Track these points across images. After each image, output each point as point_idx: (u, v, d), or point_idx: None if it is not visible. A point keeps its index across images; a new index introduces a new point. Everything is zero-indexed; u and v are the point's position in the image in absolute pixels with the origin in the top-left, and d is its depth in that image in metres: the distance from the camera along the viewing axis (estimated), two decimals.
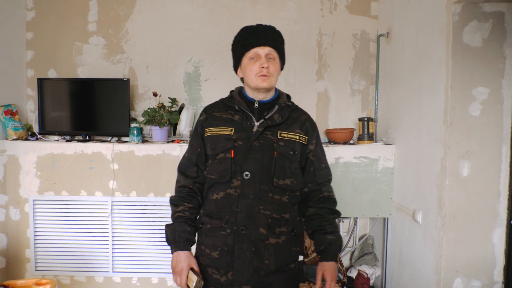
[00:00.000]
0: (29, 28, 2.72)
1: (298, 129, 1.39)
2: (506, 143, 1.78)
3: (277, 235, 1.32)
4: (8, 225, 2.46)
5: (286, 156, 1.34)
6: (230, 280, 1.29)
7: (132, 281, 2.48)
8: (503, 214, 1.80)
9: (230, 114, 1.39)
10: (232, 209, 1.30)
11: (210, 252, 1.32)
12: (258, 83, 1.34)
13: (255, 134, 1.32)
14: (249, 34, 1.36)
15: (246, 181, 1.30)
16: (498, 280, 1.83)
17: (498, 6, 1.74)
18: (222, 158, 1.33)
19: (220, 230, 1.31)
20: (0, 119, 2.44)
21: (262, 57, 1.34)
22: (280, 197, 1.33)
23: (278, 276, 1.33)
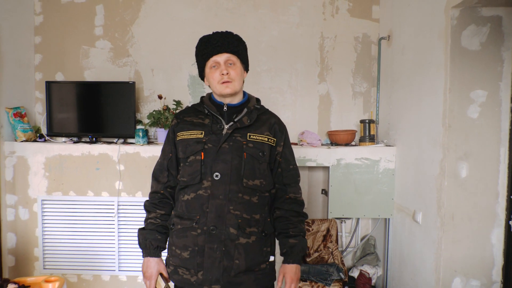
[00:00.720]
0: (37, 32, 2.79)
1: (267, 131, 1.42)
2: (504, 145, 1.81)
3: (248, 235, 1.34)
4: (17, 224, 2.53)
5: (255, 157, 1.37)
6: (200, 279, 1.31)
7: (137, 280, 2.53)
8: (502, 215, 1.83)
9: (200, 118, 1.43)
10: (203, 209, 1.32)
11: (181, 253, 1.34)
12: (222, 90, 1.37)
13: (224, 136, 1.35)
14: (206, 44, 1.39)
15: (216, 182, 1.32)
16: (497, 279, 1.86)
17: (496, 11, 1.77)
18: (193, 161, 1.36)
19: (190, 230, 1.33)
20: (9, 121, 2.50)
21: (221, 64, 1.37)
22: (250, 198, 1.35)
23: (249, 276, 1.34)
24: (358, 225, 2.82)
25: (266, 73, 2.80)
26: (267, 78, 2.80)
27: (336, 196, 2.46)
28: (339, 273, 2.23)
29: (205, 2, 2.76)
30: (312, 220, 2.55)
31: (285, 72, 2.80)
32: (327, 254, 2.51)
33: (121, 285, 2.54)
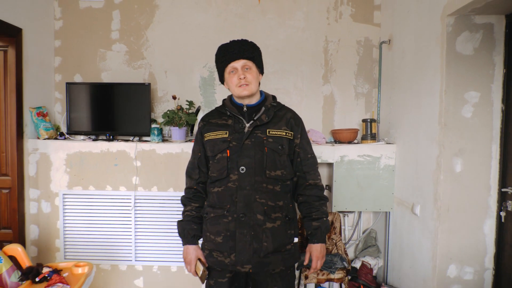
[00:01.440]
0: (57, 36, 2.95)
1: (284, 126, 1.57)
2: (495, 142, 1.96)
3: (273, 220, 1.50)
4: (40, 217, 2.69)
5: (275, 150, 1.52)
6: (233, 261, 1.48)
7: (153, 269, 2.69)
8: (493, 207, 1.98)
9: (224, 119, 1.59)
10: (232, 199, 1.49)
11: (215, 238, 1.52)
12: (240, 92, 1.53)
13: (246, 134, 1.51)
14: (224, 51, 1.55)
15: (242, 175, 1.49)
16: (489, 267, 2.01)
17: (488, 18, 1.92)
18: (220, 158, 1.53)
19: (222, 218, 1.50)
20: (33, 120, 2.66)
21: (238, 69, 1.53)
22: (273, 187, 1.51)
23: (276, 256, 1.50)
24: (360, 219, 2.97)
25: (274, 75, 2.95)
26: (274, 79, 2.95)
27: (339, 191, 2.61)
28: (343, 262, 2.38)
29: (216, 8, 2.92)
30: None
31: (291, 74, 2.95)
32: (331, 245, 2.66)
33: (137, 274, 2.70)
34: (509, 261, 1.91)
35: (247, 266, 1.47)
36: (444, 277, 2.03)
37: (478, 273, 2.01)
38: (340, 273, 2.34)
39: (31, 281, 1.69)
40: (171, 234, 2.64)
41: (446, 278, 2.03)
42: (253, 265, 1.47)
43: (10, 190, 2.54)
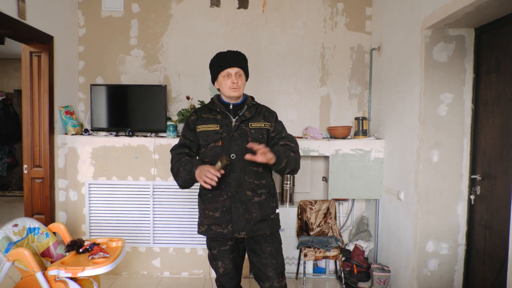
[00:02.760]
0: (80, 42, 3.27)
1: (262, 119, 1.88)
2: (466, 136, 2.30)
3: (259, 195, 1.81)
4: (68, 204, 3.01)
5: (256, 139, 1.82)
6: (230, 230, 1.78)
7: (169, 251, 3.02)
8: (465, 192, 2.32)
9: (213, 114, 1.86)
10: (226, 181, 1.77)
11: (213, 214, 1.81)
12: (231, 93, 1.82)
13: (234, 127, 1.81)
14: (222, 58, 1.84)
15: (233, 160, 1.78)
16: (462, 243, 2.35)
17: (459, 31, 2.26)
18: (213, 146, 1.81)
19: (219, 197, 1.79)
20: (61, 117, 2.99)
21: (232, 75, 1.82)
22: (257, 169, 1.81)
23: (263, 224, 1.81)
24: (353, 207, 3.31)
25: (276, 78, 3.28)
26: (276, 82, 3.29)
27: (335, 181, 2.95)
28: (337, 242, 2.72)
29: (224, 17, 3.25)
30: (315, 201, 3.04)
31: (292, 77, 3.28)
32: (327, 228, 3.00)
33: (155, 255, 3.02)
34: (478, 238, 2.25)
35: (242, 233, 1.78)
36: (424, 252, 2.37)
37: (452, 248, 2.35)
38: (335, 251, 2.67)
39: (76, 252, 2.01)
40: (186, 219, 2.97)
41: (425, 252, 2.37)
42: (247, 232, 1.78)
43: (43, 180, 2.86)
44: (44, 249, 2.09)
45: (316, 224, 2.99)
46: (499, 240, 2.06)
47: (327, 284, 2.97)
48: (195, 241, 2.99)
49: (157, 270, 3.03)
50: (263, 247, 1.82)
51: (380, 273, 2.70)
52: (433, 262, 2.37)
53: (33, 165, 2.86)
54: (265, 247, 1.82)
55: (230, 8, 3.24)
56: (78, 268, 1.79)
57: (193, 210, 2.96)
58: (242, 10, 3.24)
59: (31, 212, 2.87)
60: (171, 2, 3.24)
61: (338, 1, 3.23)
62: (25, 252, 1.79)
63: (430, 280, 2.38)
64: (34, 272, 1.79)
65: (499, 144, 2.06)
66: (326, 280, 3.04)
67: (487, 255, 2.16)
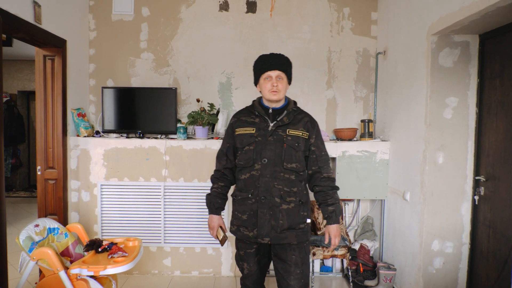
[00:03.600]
0: (91, 46, 3.33)
1: (301, 127, 1.84)
2: (471, 139, 2.38)
3: (288, 202, 1.79)
4: (80, 205, 3.07)
5: (292, 147, 1.80)
6: (255, 234, 1.79)
7: (179, 250, 3.09)
8: (469, 192, 2.40)
9: (252, 118, 1.88)
10: (255, 185, 1.79)
11: (241, 216, 1.84)
12: (271, 96, 1.82)
13: (270, 132, 1.81)
14: (264, 61, 1.84)
15: (264, 165, 1.78)
16: (466, 242, 2.43)
17: (464, 37, 2.34)
18: (247, 150, 1.83)
19: (247, 200, 1.81)
20: (74, 120, 3.04)
21: (273, 78, 1.81)
22: (289, 176, 1.80)
23: (291, 232, 1.79)
24: (359, 207, 3.39)
25: None
26: None
27: (341, 181, 3.02)
28: (345, 241, 2.79)
29: (233, 21, 3.32)
30: None
31: (299, 80, 3.35)
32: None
33: (165, 255, 3.09)
34: (482, 237, 2.33)
35: (266, 238, 1.78)
36: (429, 251, 2.45)
37: (456, 247, 2.43)
38: (343, 250, 2.75)
39: (95, 251, 2.08)
40: (196, 220, 3.04)
41: (430, 251, 2.45)
42: (271, 238, 1.78)
43: (56, 181, 2.92)
44: (64, 249, 2.15)
45: (323, 224, 3.07)
46: (502, 239, 2.14)
47: (334, 283, 3.04)
48: (205, 241, 3.06)
49: (168, 269, 3.09)
50: (288, 255, 1.81)
51: (386, 271, 2.78)
52: (438, 261, 2.45)
53: (46, 166, 2.91)
54: (290, 255, 1.81)
55: (239, 12, 3.31)
56: (100, 267, 1.86)
57: (203, 210, 3.02)
58: (250, 14, 3.31)
59: (45, 212, 2.93)
60: (180, 6, 3.30)
61: (344, 6, 3.31)
62: (49, 252, 1.85)
63: (435, 278, 2.45)
64: (57, 271, 1.85)
65: (503, 147, 2.14)
66: (333, 279, 3.12)
67: (491, 253, 2.24)
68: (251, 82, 3.31)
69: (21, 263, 1.87)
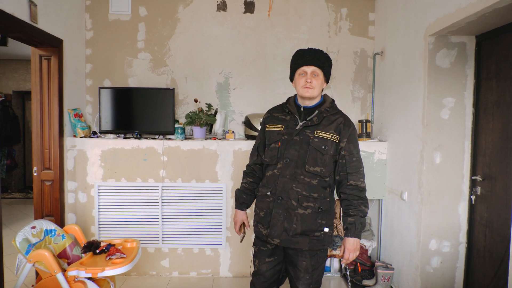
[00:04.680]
0: (88, 45, 3.31)
1: (332, 130, 1.73)
2: (467, 139, 2.40)
3: (304, 208, 1.71)
4: (77, 206, 3.05)
5: (318, 149, 1.70)
6: (268, 233, 1.75)
7: (177, 251, 3.08)
8: (466, 192, 2.42)
9: (284, 115, 1.83)
10: (275, 184, 1.74)
11: (259, 212, 1.82)
12: (303, 93, 1.74)
13: (297, 131, 1.74)
14: (300, 56, 1.76)
15: (285, 165, 1.72)
16: (463, 241, 2.45)
17: (461, 38, 2.36)
18: (273, 147, 1.78)
19: (266, 198, 1.79)
20: (70, 120, 3.02)
21: (308, 73, 1.73)
22: (310, 180, 1.70)
23: (304, 238, 1.71)
24: None
25: (281, 81, 3.36)
26: (281, 85, 3.36)
27: None
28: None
29: (230, 21, 3.31)
30: None
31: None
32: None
33: (163, 256, 3.08)
34: (478, 236, 2.35)
35: (276, 240, 1.73)
36: (427, 250, 2.46)
37: (453, 246, 2.45)
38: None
39: (92, 253, 2.07)
40: (194, 220, 3.03)
41: (428, 250, 2.46)
42: (281, 240, 1.72)
43: (53, 182, 2.90)
44: (61, 251, 2.14)
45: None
46: (499, 238, 2.15)
47: (333, 282, 3.05)
48: (203, 241, 3.05)
49: (165, 270, 3.08)
50: (299, 260, 1.76)
51: (384, 271, 2.79)
52: (436, 260, 2.46)
53: (42, 167, 2.89)
54: (301, 261, 1.75)
55: (237, 12, 3.30)
56: (98, 269, 1.85)
57: (201, 211, 3.02)
58: (248, 14, 3.31)
59: (41, 214, 2.91)
60: (178, 6, 3.29)
61: (342, 7, 3.32)
62: (46, 254, 1.84)
63: (433, 277, 2.47)
64: (55, 273, 1.84)
65: (499, 147, 2.16)
66: (331, 278, 3.13)
67: (487, 252, 2.26)
68: (249, 82, 3.33)
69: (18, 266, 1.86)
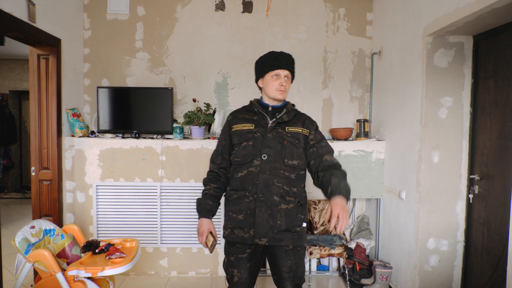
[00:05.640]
0: (86, 45, 3.30)
1: (300, 126, 1.82)
2: (465, 138, 2.41)
3: (287, 202, 1.73)
4: (75, 206, 3.04)
5: (293, 143, 1.76)
6: (252, 235, 1.70)
7: (176, 251, 3.07)
8: (464, 191, 2.43)
9: (250, 115, 1.85)
10: (254, 182, 1.72)
11: (237, 216, 1.74)
12: (277, 95, 1.79)
13: (270, 129, 1.78)
14: (275, 58, 1.80)
15: (264, 161, 1.73)
16: (461, 239, 2.47)
17: (459, 38, 2.37)
18: (246, 145, 1.77)
19: (244, 198, 1.73)
20: (68, 120, 3.01)
21: (282, 77, 1.79)
22: (289, 174, 1.74)
23: (287, 235, 1.72)
24: (355, 207, 3.41)
25: None
26: None
27: None
28: (341, 240, 2.81)
29: (229, 21, 3.31)
30: (319, 200, 3.13)
31: (295, 80, 3.32)
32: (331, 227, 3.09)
33: (162, 255, 3.08)
34: (476, 235, 2.36)
35: (263, 239, 1.70)
36: (425, 249, 2.48)
37: (451, 245, 2.47)
38: (340, 249, 2.77)
39: (92, 252, 2.06)
40: (192, 220, 3.03)
41: (426, 249, 2.48)
42: (268, 239, 1.70)
43: (51, 182, 2.89)
44: (60, 250, 2.13)
45: (320, 223, 3.09)
46: (496, 236, 2.17)
47: (331, 281, 3.06)
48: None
49: (164, 270, 3.08)
50: (284, 261, 1.76)
51: (382, 270, 2.81)
52: (434, 258, 2.48)
53: (40, 167, 2.88)
54: (285, 261, 1.76)
55: (235, 12, 3.31)
56: (97, 268, 1.84)
57: None
58: (246, 14, 3.31)
59: (39, 214, 2.90)
60: (176, 6, 3.29)
61: (339, 6, 3.33)
62: (46, 253, 1.83)
63: (431, 276, 2.49)
64: (54, 272, 1.83)
65: (496, 146, 2.18)
66: (329, 277, 3.14)
67: (485, 251, 2.28)
68: (247, 81, 3.33)
69: (17, 265, 1.85)
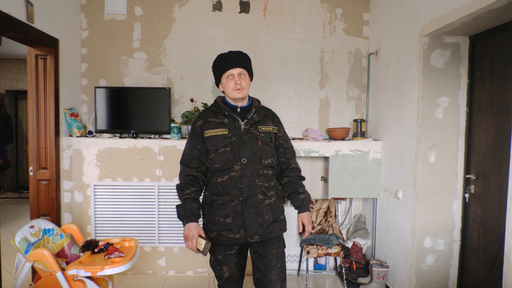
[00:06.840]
0: (83, 45, 3.30)
1: (270, 123, 1.88)
2: (461, 138, 2.44)
3: (269, 197, 1.81)
4: (73, 206, 3.04)
5: (266, 143, 1.81)
6: (243, 235, 1.73)
7: (173, 250, 3.08)
8: (460, 190, 2.46)
9: (220, 118, 1.81)
10: (237, 186, 1.74)
11: (224, 220, 1.74)
12: (235, 95, 1.78)
13: (244, 131, 1.78)
14: (224, 60, 1.78)
15: (244, 165, 1.75)
16: (457, 239, 2.49)
17: (455, 38, 2.39)
18: (223, 151, 1.75)
19: (230, 202, 1.75)
20: (66, 120, 3.01)
21: (235, 76, 1.77)
22: (267, 172, 1.82)
23: (275, 225, 1.81)
24: (351, 206, 3.44)
25: (276, 81, 3.38)
26: (277, 84, 3.38)
27: (334, 180, 3.06)
28: (338, 239, 2.83)
29: (226, 21, 3.32)
30: (316, 200, 3.15)
31: (292, 80, 3.38)
32: (327, 226, 3.11)
33: (160, 255, 3.08)
34: (472, 234, 2.39)
35: (255, 237, 1.75)
36: (421, 248, 2.50)
37: (448, 244, 2.49)
38: (336, 248, 2.79)
39: (91, 252, 2.06)
40: None
41: (422, 248, 2.50)
42: (260, 236, 1.76)
43: (49, 181, 2.89)
44: (59, 250, 2.13)
45: (317, 223, 3.10)
46: (492, 236, 2.20)
47: (328, 280, 3.08)
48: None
49: (162, 269, 3.08)
50: (269, 250, 1.81)
51: (379, 269, 2.83)
52: (430, 257, 2.50)
53: (38, 167, 2.87)
54: (271, 249, 1.81)
55: (232, 12, 3.31)
56: (97, 268, 1.85)
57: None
58: (243, 14, 3.32)
59: (37, 213, 2.89)
60: (173, 6, 3.29)
61: (336, 7, 3.34)
62: (45, 253, 1.84)
63: (428, 275, 2.51)
64: (54, 272, 1.83)
65: (492, 146, 2.20)
66: (326, 277, 3.16)
67: (481, 250, 2.30)
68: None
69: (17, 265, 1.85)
